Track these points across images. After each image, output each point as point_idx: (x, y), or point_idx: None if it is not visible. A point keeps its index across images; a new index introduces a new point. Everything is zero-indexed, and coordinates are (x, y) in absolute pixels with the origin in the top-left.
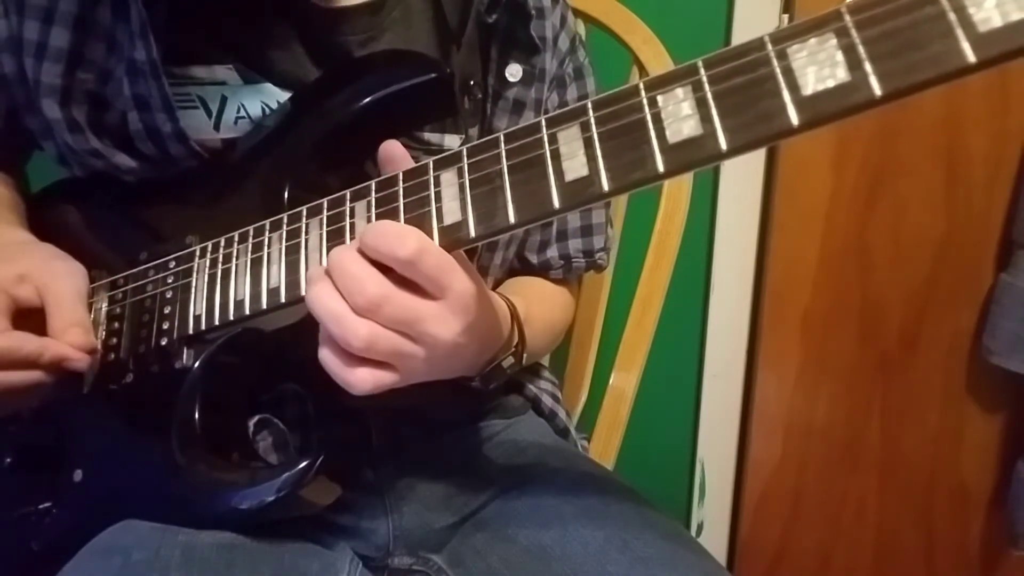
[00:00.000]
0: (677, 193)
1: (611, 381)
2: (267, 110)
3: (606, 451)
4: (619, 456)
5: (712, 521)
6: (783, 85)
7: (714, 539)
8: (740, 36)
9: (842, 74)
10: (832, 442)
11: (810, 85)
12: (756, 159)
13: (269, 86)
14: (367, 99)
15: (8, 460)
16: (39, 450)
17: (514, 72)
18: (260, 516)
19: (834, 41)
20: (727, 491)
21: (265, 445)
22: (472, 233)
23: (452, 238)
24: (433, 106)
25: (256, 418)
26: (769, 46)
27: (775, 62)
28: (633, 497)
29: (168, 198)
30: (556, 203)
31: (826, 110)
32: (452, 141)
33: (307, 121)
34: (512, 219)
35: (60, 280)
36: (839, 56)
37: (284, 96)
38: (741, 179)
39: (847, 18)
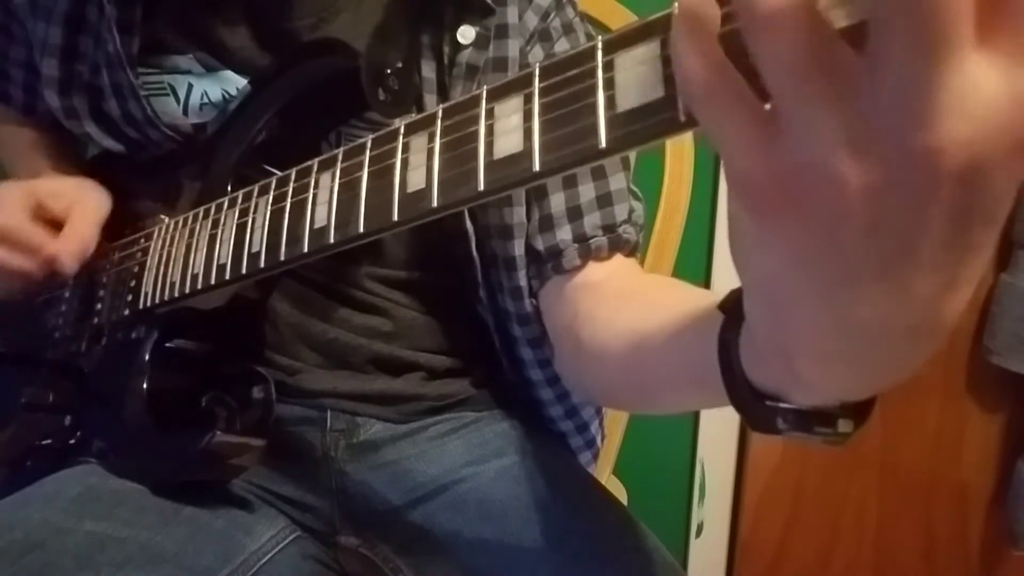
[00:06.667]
0: (677, 192)
1: None
2: (227, 95)
3: (606, 451)
4: (619, 456)
5: (712, 521)
6: None
7: (714, 539)
8: None
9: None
10: None
11: None
12: None
13: (229, 73)
14: (295, 90)
15: (24, 400)
16: (46, 395)
17: (465, 34)
18: (172, 477)
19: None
20: (727, 491)
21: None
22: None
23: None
24: (350, 97)
25: (210, 395)
26: None
27: None
28: (594, 494)
29: (154, 178)
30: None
31: None
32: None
33: (260, 106)
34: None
35: (88, 203)
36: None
37: (242, 82)
38: None
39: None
